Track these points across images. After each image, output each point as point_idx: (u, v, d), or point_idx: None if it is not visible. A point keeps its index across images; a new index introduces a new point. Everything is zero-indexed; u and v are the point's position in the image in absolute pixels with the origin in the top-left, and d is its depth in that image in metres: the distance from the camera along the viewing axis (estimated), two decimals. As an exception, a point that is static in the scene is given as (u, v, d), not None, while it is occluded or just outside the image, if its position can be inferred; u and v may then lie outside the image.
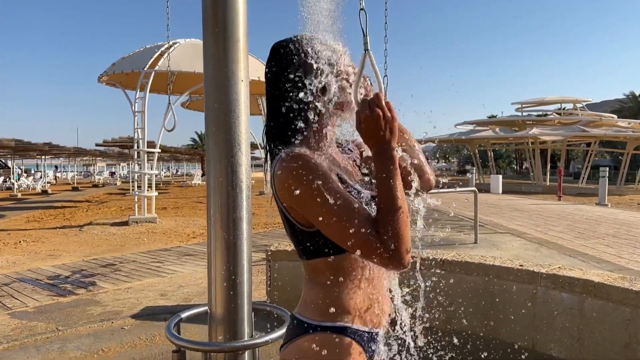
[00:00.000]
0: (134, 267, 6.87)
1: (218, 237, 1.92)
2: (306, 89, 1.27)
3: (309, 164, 1.18)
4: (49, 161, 43.40)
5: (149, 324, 4.38)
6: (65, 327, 4.29)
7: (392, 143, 1.19)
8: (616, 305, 3.35)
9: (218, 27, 1.88)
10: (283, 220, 1.30)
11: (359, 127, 1.21)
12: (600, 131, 24.40)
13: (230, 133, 1.89)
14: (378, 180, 1.18)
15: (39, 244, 9.31)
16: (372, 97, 1.19)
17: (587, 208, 14.38)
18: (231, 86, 1.89)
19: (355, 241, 1.14)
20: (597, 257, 7.06)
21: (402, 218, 1.15)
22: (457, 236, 8.88)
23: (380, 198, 1.17)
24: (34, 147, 24.62)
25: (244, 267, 1.94)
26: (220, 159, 1.89)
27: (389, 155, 1.18)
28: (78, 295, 5.47)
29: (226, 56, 1.88)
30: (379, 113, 1.16)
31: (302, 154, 1.20)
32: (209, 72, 1.91)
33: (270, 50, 1.37)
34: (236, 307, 1.95)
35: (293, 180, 1.18)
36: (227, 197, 1.91)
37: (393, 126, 1.19)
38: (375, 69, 1.23)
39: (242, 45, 1.92)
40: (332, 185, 1.16)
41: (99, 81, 14.00)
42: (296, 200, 1.19)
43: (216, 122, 1.90)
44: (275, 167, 1.24)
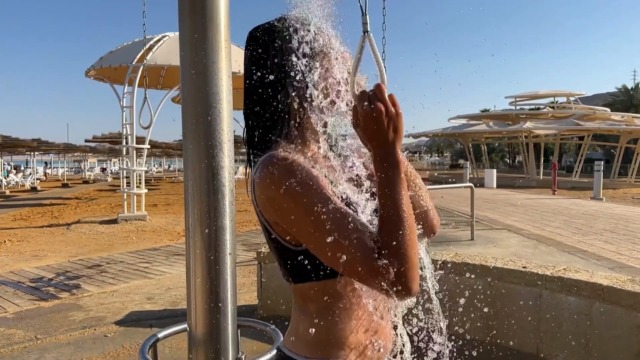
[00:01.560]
0: (121, 268, 6.63)
1: (198, 249, 1.70)
2: (290, 79, 1.07)
3: (295, 169, 0.98)
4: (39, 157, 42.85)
5: (134, 331, 4.15)
6: (44, 336, 4.06)
7: (396, 145, 0.99)
8: (627, 310, 3.17)
9: (196, 10, 1.66)
10: (265, 236, 1.09)
11: (357, 125, 1.00)
12: (593, 125, 24.34)
13: (210, 132, 1.66)
14: (380, 189, 0.98)
15: (24, 243, 9.03)
16: (373, 89, 0.98)
17: (583, 202, 14.29)
18: (211, 78, 1.66)
19: (352, 264, 0.93)
20: (597, 254, 6.92)
21: (410, 236, 0.95)
22: (453, 233, 8.72)
23: (383, 212, 0.96)
24: (22, 143, 24.16)
25: (228, 282, 1.72)
26: (199, 161, 1.67)
27: (394, 160, 0.97)
28: (61, 299, 5.23)
29: (205, 43, 1.65)
30: (381, 108, 0.95)
31: (286, 157, 1.00)
32: (185, 62, 1.68)
33: (247, 38, 1.16)
34: (219, 326, 1.73)
35: (276, 190, 0.98)
36: (208, 204, 1.69)
37: (398, 124, 0.98)
38: (377, 55, 1.01)
39: (224, 30, 1.70)
40: (324, 196, 0.96)
41: (87, 75, 13.68)
42: (280, 213, 0.99)
43: (194, 120, 1.67)
44: (255, 173, 1.03)
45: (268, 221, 1.04)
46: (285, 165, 0.99)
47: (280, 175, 0.98)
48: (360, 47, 1.00)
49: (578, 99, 31.37)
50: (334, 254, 0.95)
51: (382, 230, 0.95)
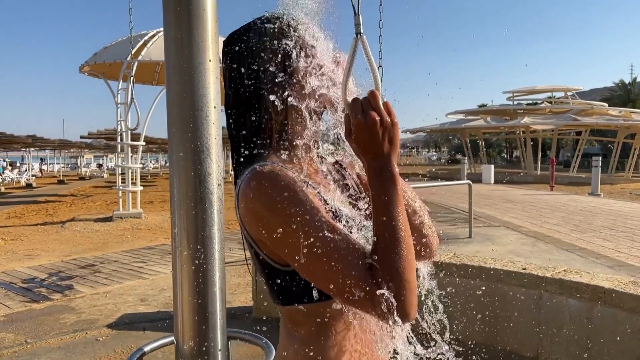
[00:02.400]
0: (115, 267, 6.54)
1: (184, 260, 1.62)
2: (269, 87, 0.99)
3: (282, 183, 0.90)
4: (35, 153, 42.64)
5: (126, 335, 4.08)
6: (34, 340, 3.97)
7: (392, 157, 0.91)
8: (628, 313, 3.10)
9: (181, 6, 1.56)
10: (250, 253, 1.00)
11: (349, 135, 0.91)
12: (591, 120, 24.30)
13: (197, 136, 1.57)
14: (374, 206, 0.90)
15: (18, 242, 8.93)
16: (366, 97, 0.90)
17: (581, 198, 14.25)
18: (197, 78, 1.57)
19: (344, 288, 0.86)
20: (596, 251, 6.86)
21: (407, 257, 0.87)
22: (451, 230, 8.66)
23: (378, 230, 0.88)
24: (17, 139, 23.95)
25: (217, 295, 1.64)
26: (185, 167, 1.58)
27: (389, 173, 0.90)
28: (53, 300, 5.14)
29: (191, 41, 1.56)
30: (375, 118, 0.88)
31: (273, 170, 0.92)
32: (170, 63, 1.59)
33: (222, 48, 1.08)
34: (207, 340, 1.66)
35: (261, 206, 0.89)
36: (195, 212, 1.61)
37: (394, 135, 0.90)
38: (370, 59, 0.92)
39: (211, 28, 1.61)
40: (313, 213, 0.88)
41: (81, 71, 13.52)
42: (265, 231, 0.91)
43: (180, 124, 1.58)
44: (239, 186, 0.95)
45: (253, 238, 0.96)
46: (271, 179, 0.91)
47: (266, 190, 0.90)
48: (352, 51, 0.92)
49: (575, 93, 31.34)
50: (323, 277, 0.87)
51: (376, 251, 0.88)
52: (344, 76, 0.93)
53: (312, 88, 0.99)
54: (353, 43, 0.92)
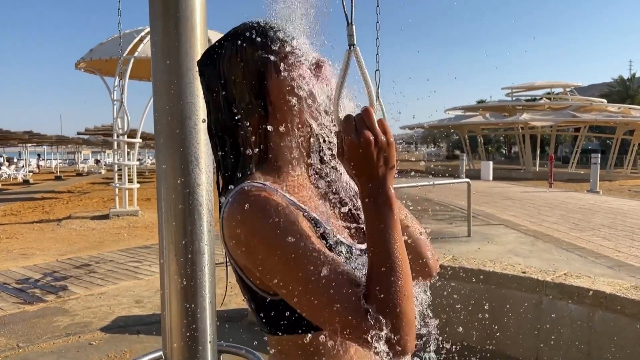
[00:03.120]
0: (110, 267, 6.48)
1: (173, 275, 1.55)
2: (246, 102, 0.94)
3: (268, 206, 0.84)
4: (33, 149, 42.47)
5: (120, 338, 4.02)
6: (26, 344, 3.91)
7: (388, 180, 0.84)
8: (630, 319, 3.05)
9: (168, 9, 1.49)
10: (236, 278, 0.94)
11: (341, 155, 0.85)
12: (590, 116, 24.24)
13: (185, 145, 1.51)
14: (369, 232, 0.84)
15: (13, 240, 8.86)
16: (360, 114, 0.83)
17: (580, 196, 14.21)
18: (186, 85, 1.50)
19: (336, 320, 0.80)
20: (595, 251, 6.82)
21: (404, 287, 0.81)
22: (449, 229, 8.60)
23: (373, 259, 0.82)
24: (14, 135, 23.83)
25: (207, 311, 1.58)
26: (172, 178, 1.51)
27: (385, 197, 0.83)
28: (46, 302, 5.07)
29: (179, 46, 1.49)
30: (369, 137, 0.81)
31: (259, 193, 0.86)
32: (157, 68, 1.52)
33: (198, 63, 1.01)
34: (197, 358, 1.60)
35: (246, 231, 0.83)
36: (183, 225, 1.54)
37: (390, 155, 0.83)
38: (364, 72, 0.86)
39: (200, 33, 1.54)
40: (302, 239, 0.82)
41: (77, 67, 13.41)
42: (250, 258, 0.85)
43: (167, 131, 1.51)
44: (224, 208, 0.88)
45: (238, 264, 0.89)
46: (258, 202, 0.85)
47: (252, 215, 0.83)
48: (345, 64, 0.85)
49: (574, 89, 31.27)
50: (314, 308, 0.81)
51: (371, 281, 0.82)
52: (336, 91, 0.86)
53: (292, 106, 0.93)
54: (346, 55, 0.85)
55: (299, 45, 0.95)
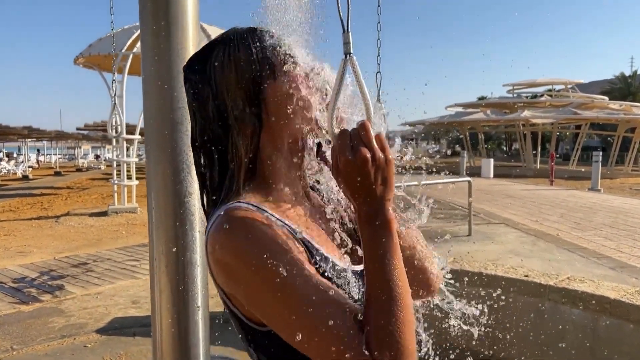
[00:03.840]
0: (108, 266, 6.42)
1: (164, 286, 1.49)
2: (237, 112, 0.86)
3: (256, 230, 0.77)
4: (32, 144, 42.37)
5: (116, 340, 3.96)
6: (20, 346, 3.86)
7: (386, 200, 0.77)
8: (636, 326, 2.99)
9: (158, 10, 1.42)
10: (224, 306, 0.87)
11: (337, 174, 0.78)
12: (592, 114, 24.14)
13: (176, 152, 1.44)
14: (366, 258, 0.77)
15: (10, 238, 8.80)
16: (356, 128, 0.77)
17: (581, 194, 14.14)
18: (177, 89, 1.43)
19: (331, 353, 0.73)
20: (597, 251, 6.75)
21: (404, 318, 0.75)
22: (449, 228, 8.53)
23: (370, 287, 0.76)
24: (13, 131, 23.73)
25: (199, 325, 1.51)
26: (163, 186, 1.45)
27: (383, 219, 0.76)
28: (42, 302, 5.02)
29: (170, 50, 1.42)
30: (366, 155, 0.74)
31: (246, 215, 0.79)
32: (147, 70, 1.45)
33: (184, 68, 0.94)
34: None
35: (231, 257, 0.77)
36: (175, 235, 1.48)
37: (388, 174, 0.77)
38: (362, 83, 0.79)
39: (192, 34, 1.46)
40: (293, 266, 0.75)
41: (75, 63, 13.32)
42: (236, 286, 0.79)
43: (157, 138, 1.45)
44: (209, 229, 0.82)
45: (224, 291, 0.83)
46: (245, 224, 0.78)
47: (236, 239, 0.77)
48: (340, 75, 0.78)
49: (576, 86, 31.14)
50: (306, 341, 0.75)
51: (370, 313, 0.75)
52: (331, 104, 0.79)
53: (289, 116, 0.86)
54: (341, 65, 0.78)
55: (298, 52, 0.88)
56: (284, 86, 0.85)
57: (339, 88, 0.78)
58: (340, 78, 0.78)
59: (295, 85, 0.86)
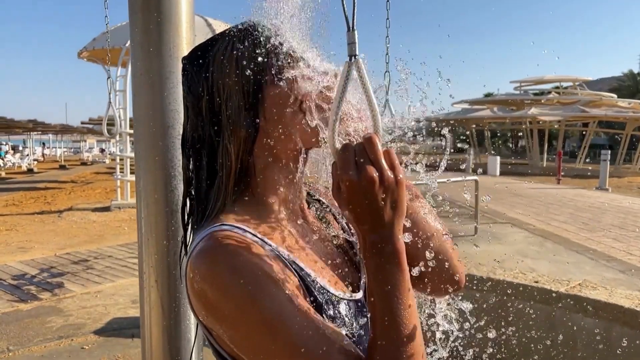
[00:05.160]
0: (109, 263, 6.35)
1: (154, 302, 1.39)
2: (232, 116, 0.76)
3: (241, 260, 0.67)
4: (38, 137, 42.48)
5: (114, 342, 3.88)
6: (17, 347, 3.78)
7: (396, 228, 0.66)
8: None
9: (149, 4, 1.31)
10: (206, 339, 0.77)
11: (338, 196, 0.67)
12: (600, 111, 23.88)
13: (168, 158, 1.33)
14: (373, 296, 0.67)
15: (12, 233, 8.75)
16: (362, 143, 0.66)
17: (589, 193, 13.96)
18: (169, 90, 1.33)
19: None
20: (606, 253, 6.62)
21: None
22: (455, 227, 8.41)
23: (377, 330, 0.66)
24: (18, 124, 23.74)
25: (191, 343, 1.41)
26: (154, 195, 1.34)
27: (392, 249, 0.66)
28: (41, 300, 4.95)
29: (161, 48, 1.31)
30: (372, 175, 0.64)
31: (230, 242, 0.69)
32: (137, 70, 1.34)
33: (183, 58, 0.84)
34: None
35: (212, 292, 0.67)
36: (166, 248, 1.37)
37: (398, 196, 0.66)
38: (368, 90, 0.67)
39: (186, 32, 1.35)
40: (284, 303, 0.66)
41: (79, 57, 13.24)
42: (216, 320, 0.69)
43: (147, 143, 1.34)
44: (190, 253, 0.72)
45: (203, 323, 0.73)
46: (228, 253, 0.68)
47: (219, 270, 0.67)
48: (343, 80, 0.66)
49: (584, 84, 30.84)
50: None
51: (374, 355, 0.65)
52: (332, 113, 0.67)
53: (288, 125, 0.75)
54: (345, 68, 0.67)
55: (308, 56, 0.77)
56: (288, 93, 0.75)
57: (342, 95, 0.67)
58: (343, 83, 0.67)
59: (300, 93, 0.75)
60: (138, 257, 1.41)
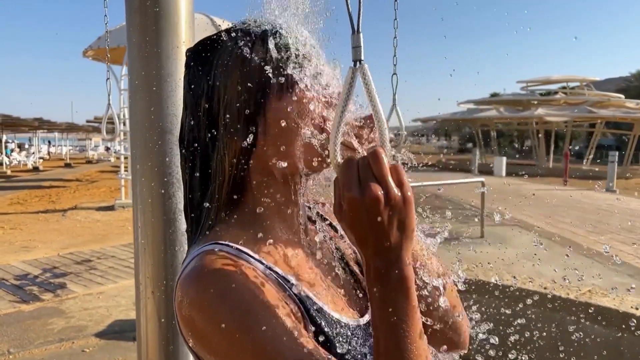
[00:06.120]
0: (112, 264, 6.32)
1: (151, 315, 1.33)
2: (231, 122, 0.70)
3: (231, 287, 0.61)
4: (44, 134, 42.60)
5: (115, 345, 3.84)
6: (17, 349, 3.75)
7: (404, 252, 0.60)
8: (664, 346, 2.80)
9: (146, 3, 1.25)
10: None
11: (340, 215, 0.61)
12: (607, 112, 23.67)
13: (165, 164, 1.27)
14: (378, 326, 0.61)
15: (17, 232, 8.75)
16: (366, 157, 0.59)
17: (596, 195, 13.83)
18: (167, 94, 1.27)
19: None
20: (615, 257, 6.52)
21: None
22: (461, 229, 8.32)
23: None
24: (23, 122, 23.81)
25: (190, 358, 1.36)
26: (151, 202, 1.29)
27: (399, 278, 0.60)
28: (43, 301, 4.92)
29: (159, 49, 1.25)
30: (377, 194, 0.57)
31: (222, 266, 0.63)
32: (133, 72, 1.29)
33: (187, 51, 0.77)
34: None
35: (202, 319, 0.61)
36: (163, 257, 1.32)
37: (406, 217, 0.59)
38: (374, 99, 0.60)
39: (185, 31, 1.30)
40: (280, 333, 0.60)
41: (84, 56, 13.22)
42: (205, 349, 0.63)
43: (144, 149, 1.28)
44: (181, 272, 0.67)
45: (193, 350, 0.67)
46: (219, 279, 0.62)
47: (209, 297, 0.61)
48: (347, 87, 0.60)
49: (591, 84, 30.59)
50: None
51: None
52: (334, 123, 0.61)
53: (288, 144, 0.69)
54: (349, 75, 0.60)
55: (327, 70, 0.70)
56: (292, 109, 0.68)
57: (345, 104, 0.60)
58: (347, 91, 0.60)
59: (306, 113, 0.68)
60: (134, 267, 1.35)
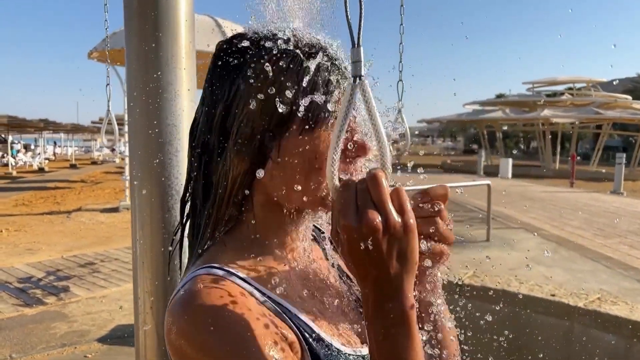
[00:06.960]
0: (115, 267, 6.30)
1: (150, 331, 1.29)
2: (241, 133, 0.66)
3: (223, 318, 0.57)
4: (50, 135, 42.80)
5: (117, 351, 3.81)
6: (20, 354, 3.73)
7: (405, 285, 0.55)
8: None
9: (146, 10, 1.21)
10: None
11: (337, 243, 0.57)
12: (614, 113, 23.52)
13: (164, 175, 1.24)
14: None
15: (21, 233, 8.75)
16: (365, 180, 0.55)
17: (603, 198, 13.71)
18: (167, 104, 1.23)
19: None
20: (623, 262, 6.44)
21: None
22: (467, 232, 8.26)
23: None
24: (29, 124, 23.92)
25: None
26: (150, 215, 1.25)
27: (399, 314, 0.55)
28: (46, 305, 4.90)
29: (158, 56, 1.22)
30: (376, 221, 0.53)
31: (215, 294, 0.59)
32: (132, 81, 1.25)
33: (217, 45, 0.72)
34: None
35: (191, 351, 0.57)
36: (163, 274, 1.28)
37: (408, 247, 0.54)
38: (375, 117, 0.56)
39: (185, 40, 1.26)
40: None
41: (90, 57, 13.20)
42: None
43: (143, 159, 1.24)
44: (174, 295, 0.64)
45: None
46: (212, 307, 0.58)
47: (199, 327, 0.57)
48: (347, 104, 0.56)
49: (598, 85, 30.41)
50: None
51: None
52: (332, 144, 0.56)
53: (299, 182, 0.65)
54: (348, 92, 0.56)
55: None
56: (315, 147, 0.64)
57: (343, 123, 0.56)
58: (346, 108, 0.56)
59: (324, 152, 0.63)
60: (133, 280, 1.31)
